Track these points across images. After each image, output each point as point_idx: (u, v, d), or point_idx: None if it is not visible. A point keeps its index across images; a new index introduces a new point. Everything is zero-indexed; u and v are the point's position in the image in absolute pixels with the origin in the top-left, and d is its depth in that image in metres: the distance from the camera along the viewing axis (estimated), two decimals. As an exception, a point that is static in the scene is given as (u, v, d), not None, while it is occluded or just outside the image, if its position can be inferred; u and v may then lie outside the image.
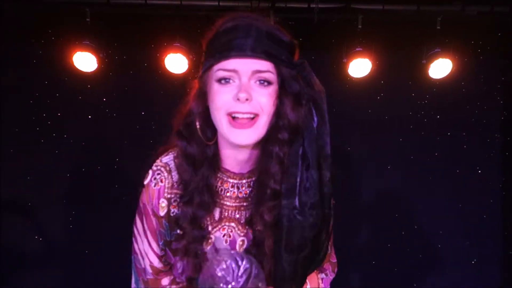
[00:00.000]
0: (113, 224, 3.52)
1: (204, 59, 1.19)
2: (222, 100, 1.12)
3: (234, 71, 1.10)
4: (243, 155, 1.23)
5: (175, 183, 1.26)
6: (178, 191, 1.26)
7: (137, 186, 1.37)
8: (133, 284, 1.43)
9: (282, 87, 1.15)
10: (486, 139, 3.82)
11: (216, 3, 3.25)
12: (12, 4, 3.34)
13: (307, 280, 1.32)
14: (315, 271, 1.38)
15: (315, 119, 1.17)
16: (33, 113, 3.71)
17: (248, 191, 1.27)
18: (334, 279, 1.48)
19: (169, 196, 1.26)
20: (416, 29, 3.44)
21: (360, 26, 3.35)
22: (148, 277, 1.34)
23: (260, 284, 1.11)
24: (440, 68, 3.37)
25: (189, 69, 3.41)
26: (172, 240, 1.28)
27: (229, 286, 1.08)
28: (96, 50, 3.31)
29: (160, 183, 1.26)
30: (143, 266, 1.34)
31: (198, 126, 1.19)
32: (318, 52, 3.58)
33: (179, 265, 1.30)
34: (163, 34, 3.33)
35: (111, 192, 3.63)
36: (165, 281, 1.34)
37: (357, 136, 3.76)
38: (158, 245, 1.31)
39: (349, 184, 3.77)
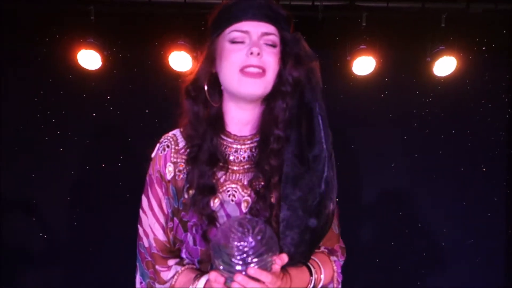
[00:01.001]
0: (117, 223, 3.53)
1: (212, 30, 1.31)
2: (236, 57, 1.24)
3: (246, 32, 1.24)
4: (247, 115, 1.33)
5: (181, 149, 1.34)
6: (184, 156, 1.33)
7: (142, 184, 1.39)
8: (138, 279, 1.43)
9: (284, 50, 1.29)
10: (491, 137, 3.80)
11: (220, 1, 3.26)
12: (16, 3, 3.35)
13: (320, 264, 1.32)
14: (327, 254, 1.39)
15: (312, 79, 1.29)
16: (38, 111, 3.72)
17: (250, 154, 1.33)
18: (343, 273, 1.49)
19: (175, 160, 1.33)
20: (420, 27, 3.43)
21: (364, 24, 3.34)
22: (153, 251, 1.34)
23: (274, 248, 1.11)
24: (445, 65, 3.36)
25: (193, 67, 3.41)
26: (181, 209, 1.31)
27: (242, 247, 1.08)
28: (100, 48, 3.32)
29: (167, 148, 1.35)
30: (146, 245, 1.35)
31: (205, 87, 1.30)
32: (322, 50, 3.57)
33: (189, 239, 1.31)
34: (167, 32, 3.33)
35: (116, 190, 3.64)
36: (171, 261, 1.34)
37: (361, 134, 3.76)
38: (165, 215, 1.34)
39: (353, 182, 3.77)
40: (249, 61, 1.23)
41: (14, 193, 3.71)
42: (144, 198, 1.37)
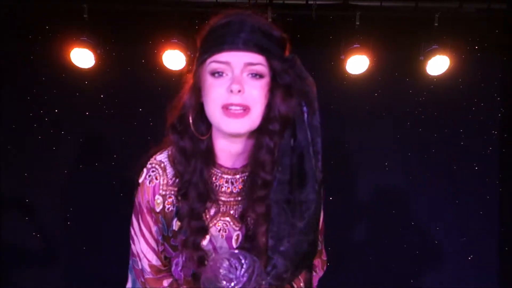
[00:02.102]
0: (111, 221, 3.52)
1: (198, 54, 1.21)
2: (216, 93, 1.14)
3: (227, 63, 1.13)
4: (237, 148, 1.25)
5: (169, 180, 1.28)
6: (173, 188, 1.27)
7: (135, 183, 1.38)
8: (128, 284, 1.44)
9: (273, 80, 1.17)
10: (483, 135, 3.83)
11: (214, 0, 3.26)
12: (9, 1, 3.34)
13: (300, 277, 1.32)
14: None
15: (306, 110, 1.19)
16: (31, 110, 3.71)
17: (242, 186, 1.28)
18: (331, 275, 1.49)
19: (164, 192, 1.28)
20: (413, 26, 3.45)
21: (358, 23, 3.35)
22: (147, 276, 1.33)
23: (263, 283, 1.11)
24: (438, 65, 3.38)
25: (187, 66, 3.41)
26: (171, 236, 1.30)
27: (232, 284, 1.08)
28: (93, 47, 3.30)
29: (155, 180, 1.28)
30: (140, 267, 1.34)
31: (191, 121, 1.21)
32: (315, 49, 3.59)
33: (179, 260, 1.32)
34: (160, 31, 3.32)
35: (109, 188, 3.63)
36: (165, 282, 1.34)
37: (355, 133, 3.77)
38: (156, 241, 1.32)
39: (346, 180, 3.78)
40: (230, 100, 1.12)
41: (7, 192, 3.69)
42: (134, 221, 1.33)
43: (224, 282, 1.08)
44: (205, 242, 1.26)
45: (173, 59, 3.33)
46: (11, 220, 3.69)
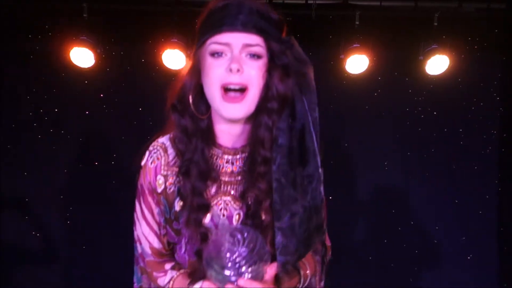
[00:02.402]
0: (111, 220, 3.53)
1: (198, 38, 1.24)
2: (215, 73, 1.17)
3: (227, 44, 1.16)
4: (236, 129, 1.27)
5: (171, 161, 1.30)
6: (174, 168, 1.29)
7: (135, 182, 1.39)
8: (135, 283, 1.44)
9: (271, 61, 1.20)
10: (483, 135, 3.83)
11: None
12: (9, 0, 3.33)
13: (305, 262, 1.32)
14: (310, 253, 1.38)
15: (303, 90, 1.22)
16: (30, 109, 3.71)
17: (242, 166, 1.30)
18: (330, 274, 1.49)
19: (165, 173, 1.30)
20: (413, 26, 3.45)
21: (357, 23, 3.35)
22: (148, 258, 1.34)
23: (265, 257, 1.11)
24: (437, 64, 3.38)
25: (186, 65, 3.41)
26: (173, 219, 1.30)
27: (234, 256, 1.08)
28: (93, 46, 3.30)
29: (157, 161, 1.31)
30: (139, 251, 1.35)
31: (191, 100, 1.24)
32: (315, 48, 3.58)
33: (182, 245, 1.32)
34: (160, 30, 3.32)
35: (109, 188, 3.63)
36: (167, 265, 1.34)
37: (354, 132, 3.77)
38: (158, 223, 1.33)
39: (345, 180, 3.78)
40: (229, 79, 1.16)
41: (7, 192, 3.69)
42: (137, 205, 1.35)
43: (228, 254, 1.08)
44: (206, 220, 1.26)
45: (173, 58, 3.33)
46: (10, 219, 3.69)
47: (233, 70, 1.15)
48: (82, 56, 3.32)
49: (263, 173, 1.23)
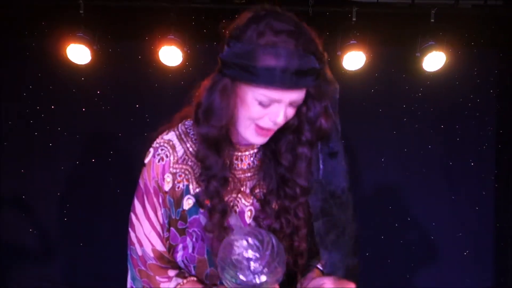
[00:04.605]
0: (107, 217, 3.53)
1: (233, 62, 1.15)
2: (257, 116, 1.17)
3: (277, 100, 1.15)
4: None
5: (180, 158, 1.28)
6: (183, 166, 1.27)
7: (132, 179, 1.37)
8: (129, 282, 1.40)
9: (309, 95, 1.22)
10: (479, 131, 3.84)
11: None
12: (5, -4, 3.33)
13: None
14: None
15: (334, 111, 1.29)
16: (27, 106, 3.70)
17: (251, 162, 1.31)
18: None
19: (174, 171, 1.27)
20: (410, 22, 3.45)
21: (354, 19, 3.35)
22: (150, 262, 1.30)
23: (281, 260, 1.11)
24: (434, 61, 3.38)
25: (184, 62, 3.41)
26: (178, 218, 1.28)
27: (250, 260, 1.07)
28: (90, 43, 3.29)
29: (166, 158, 1.28)
30: (140, 253, 1.31)
31: (223, 122, 1.21)
32: (312, 45, 3.59)
33: (187, 244, 1.30)
34: (157, 27, 3.31)
35: (106, 184, 3.63)
36: (171, 272, 1.30)
37: (351, 129, 3.77)
38: (161, 225, 1.30)
39: (343, 176, 3.78)
40: (268, 125, 1.17)
41: (4, 189, 3.68)
42: (138, 204, 1.31)
43: (243, 259, 1.08)
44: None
45: (170, 55, 3.33)
46: (7, 216, 3.69)
47: (278, 124, 1.17)
48: (78, 53, 3.31)
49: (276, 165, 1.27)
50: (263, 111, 1.16)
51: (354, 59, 3.36)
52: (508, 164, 3.81)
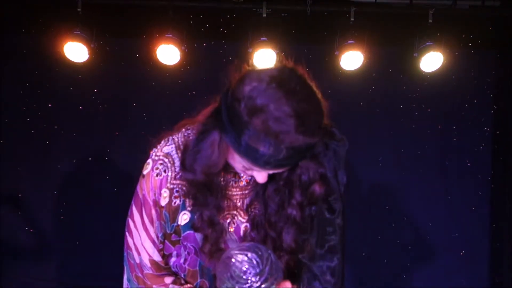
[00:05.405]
0: (104, 216, 3.52)
1: (226, 114, 1.07)
2: (241, 170, 1.17)
3: (259, 171, 1.14)
4: None
5: (177, 174, 1.26)
6: (181, 182, 1.26)
7: (128, 177, 1.37)
8: (125, 283, 1.41)
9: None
10: (476, 132, 3.85)
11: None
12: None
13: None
14: None
15: (337, 167, 1.29)
16: (24, 104, 3.69)
17: (248, 179, 1.30)
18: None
19: (171, 186, 1.27)
20: (408, 23, 3.45)
21: (352, 19, 3.35)
22: (147, 271, 1.32)
23: (278, 274, 1.11)
24: (432, 61, 3.39)
25: (181, 60, 3.40)
26: (172, 232, 1.29)
27: (247, 274, 1.08)
28: (87, 41, 3.28)
29: (163, 173, 1.27)
30: (137, 261, 1.32)
31: (205, 167, 1.19)
32: (310, 44, 3.59)
33: (180, 252, 1.31)
34: (155, 25, 3.30)
35: (102, 183, 3.62)
36: (167, 279, 1.32)
37: (348, 129, 3.75)
38: (158, 237, 1.31)
39: (340, 176, 3.79)
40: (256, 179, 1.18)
41: (0, 186, 3.67)
42: (136, 213, 1.31)
43: (241, 273, 1.08)
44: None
45: (168, 54, 3.32)
46: (4, 215, 3.67)
47: (260, 182, 1.17)
48: (75, 51, 3.30)
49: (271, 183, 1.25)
50: (248, 172, 1.16)
51: (352, 59, 3.36)
52: (504, 165, 3.81)
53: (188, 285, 1.30)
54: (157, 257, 1.31)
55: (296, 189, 1.20)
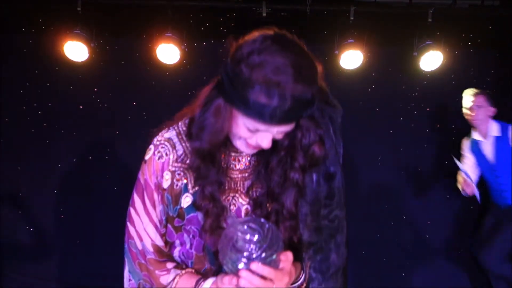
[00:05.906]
0: (104, 214, 3.53)
1: (229, 78, 1.14)
2: (245, 136, 1.19)
3: (264, 130, 1.17)
4: None
5: (179, 158, 1.29)
6: (182, 165, 1.29)
7: (128, 177, 1.37)
8: (126, 275, 1.41)
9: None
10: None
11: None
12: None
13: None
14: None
15: (336, 135, 1.31)
16: (24, 103, 3.69)
17: (248, 162, 1.33)
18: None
19: (173, 169, 1.29)
20: (407, 22, 3.46)
21: (352, 18, 3.35)
22: (149, 256, 1.33)
23: (279, 245, 1.12)
24: (431, 60, 3.40)
25: (181, 60, 3.41)
26: (175, 216, 1.30)
27: (247, 246, 1.09)
28: (87, 40, 3.29)
29: (165, 156, 1.29)
30: (140, 248, 1.33)
31: (210, 136, 1.22)
32: (310, 44, 3.56)
33: (184, 240, 1.32)
34: (155, 24, 3.31)
35: (103, 182, 3.63)
36: (169, 264, 1.33)
37: (348, 128, 3.76)
38: (160, 221, 1.32)
39: (339, 175, 3.79)
40: (256, 144, 1.19)
41: (1, 185, 3.67)
42: (137, 199, 1.32)
43: (241, 246, 1.09)
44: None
45: (167, 53, 3.32)
46: (4, 214, 3.68)
47: (264, 147, 1.19)
48: (76, 50, 3.31)
49: (272, 166, 1.28)
50: (251, 134, 1.18)
51: (351, 58, 3.37)
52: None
53: (189, 269, 1.32)
54: (159, 242, 1.33)
55: (298, 152, 1.25)
